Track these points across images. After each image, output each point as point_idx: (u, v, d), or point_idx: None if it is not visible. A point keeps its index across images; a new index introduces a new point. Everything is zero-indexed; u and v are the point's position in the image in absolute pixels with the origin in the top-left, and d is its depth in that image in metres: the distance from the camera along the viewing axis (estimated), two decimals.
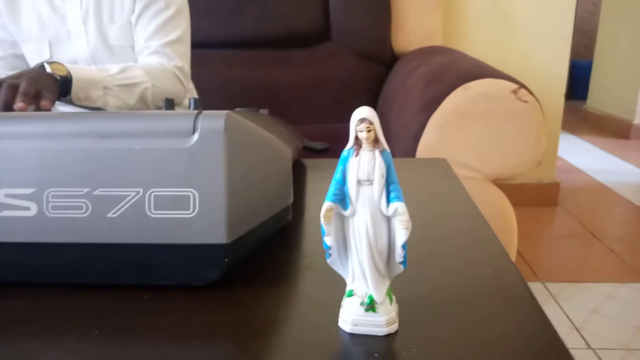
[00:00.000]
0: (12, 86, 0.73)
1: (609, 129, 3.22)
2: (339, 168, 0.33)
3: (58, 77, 0.83)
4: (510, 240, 1.17)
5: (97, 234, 0.39)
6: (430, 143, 1.09)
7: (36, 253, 0.40)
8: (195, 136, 0.38)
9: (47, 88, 0.77)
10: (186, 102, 1.14)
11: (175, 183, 0.38)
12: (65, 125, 0.40)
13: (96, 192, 0.38)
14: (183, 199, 0.38)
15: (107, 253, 0.39)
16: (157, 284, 0.40)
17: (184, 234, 0.38)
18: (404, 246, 0.33)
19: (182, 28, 1.08)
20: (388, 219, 0.33)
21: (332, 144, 1.25)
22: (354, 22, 1.60)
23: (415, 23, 1.63)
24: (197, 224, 0.38)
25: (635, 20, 3.03)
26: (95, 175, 0.38)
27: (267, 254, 0.46)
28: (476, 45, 1.83)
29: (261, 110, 0.65)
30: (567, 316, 1.31)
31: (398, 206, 0.32)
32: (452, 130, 1.09)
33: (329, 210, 0.33)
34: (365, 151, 0.32)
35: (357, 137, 0.32)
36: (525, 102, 1.10)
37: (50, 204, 0.39)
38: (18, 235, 0.39)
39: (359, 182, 0.32)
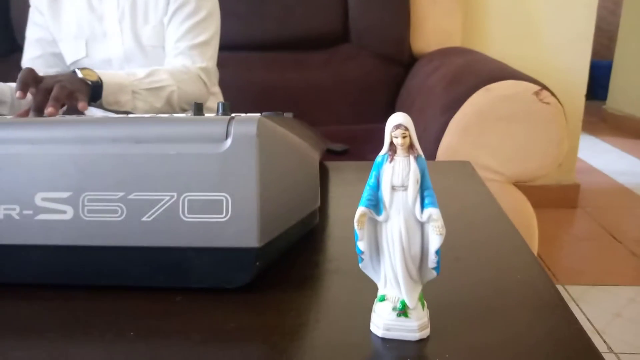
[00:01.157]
0: (45, 91, 0.75)
1: (629, 130, 3.17)
2: (373, 173, 0.33)
3: (89, 83, 0.85)
4: (531, 242, 1.16)
5: (132, 237, 0.39)
6: (451, 145, 1.09)
7: (72, 256, 0.41)
8: (229, 141, 0.38)
9: (80, 91, 0.79)
10: (211, 104, 1.16)
11: (208, 187, 0.38)
12: (100, 131, 0.41)
13: (131, 196, 0.39)
14: (216, 203, 0.38)
15: (141, 256, 0.40)
16: (190, 286, 0.41)
17: (216, 238, 0.39)
18: (437, 252, 0.33)
19: (211, 31, 1.11)
20: (421, 225, 0.33)
21: (351, 145, 1.26)
22: (373, 23, 1.60)
23: (434, 24, 1.63)
24: (230, 228, 0.38)
25: None
26: (130, 179, 0.39)
27: (296, 258, 0.46)
28: (495, 45, 1.81)
29: (285, 114, 0.65)
30: (589, 320, 1.29)
31: (432, 212, 0.32)
32: (474, 133, 1.08)
33: (362, 215, 0.33)
34: (400, 157, 0.32)
35: (391, 143, 0.32)
36: (548, 104, 1.09)
37: (85, 208, 0.40)
38: (54, 238, 0.40)
39: (393, 188, 0.32)
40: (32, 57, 1.13)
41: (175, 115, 0.47)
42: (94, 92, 0.87)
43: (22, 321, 0.38)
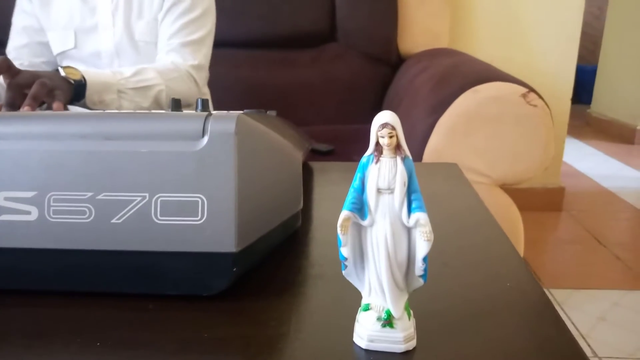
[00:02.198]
0: (18, 87, 0.72)
1: (613, 134, 3.20)
2: (358, 175, 0.31)
3: (72, 82, 0.82)
4: (517, 246, 1.15)
5: (101, 240, 0.37)
6: (437, 147, 1.07)
7: (36, 259, 0.38)
8: (205, 139, 0.36)
9: (60, 88, 0.76)
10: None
11: (183, 188, 0.36)
12: (68, 126, 0.38)
13: (100, 197, 0.37)
14: (191, 204, 0.36)
15: (111, 260, 0.37)
16: (163, 293, 0.38)
17: (191, 242, 0.36)
18: (424, 259, 0.31)
19: (206, 30, 1.09)
20: (408, 230, 0.31)
21: (337, 145, 1.24)
22: (360, 23, 1.59)
23: (422, 25, 1.62)
24: (205, 231, 0.36)
25: None
26: (99, 178, 0.37)
27: (276, 263, 0.44)
28: (482, 47, 1.81)
29: (269, 112, 0.63)
30: (573, 324, 1.29)
31: (420, 217, 0.30)
32: (460, 134, 1.07)
33: (346, 219, 0.31)
34: (386, 158, 0.30)
35: (377, 143, 0.30)
36: (535, 106, 1.08)
37: (51, 209, 0.37)
38: (17, 240, 0.38)
39: (378, 191, 0.30)
40: (17, 46, 1.10)
41: (151, 111, 0.44)
42: (77, 91, 0.84)
43: None
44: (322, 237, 0.50)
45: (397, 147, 0.30)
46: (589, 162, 2.67)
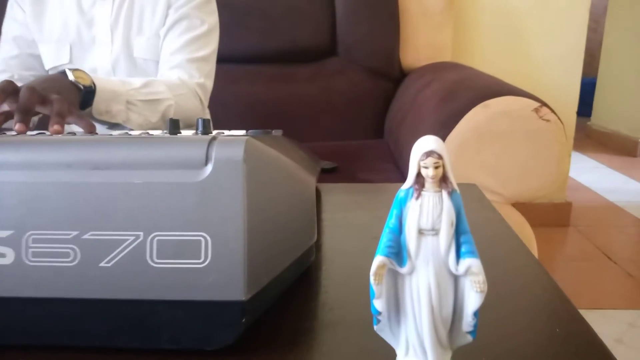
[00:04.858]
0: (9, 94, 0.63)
1: (614, 147, 3.17)
2: (394, 213, 0.26)
3: (81, 87, 0.75)
4: None
5: (88, 287, 0.32)
6: None
7: (12, 310, 0.33)
8: (209, 168, 0.31)
9: (62, 93, 0.67)
10: None
11: (183, 225, 0.31)
12: (50, 153, 0.33)
13: (86, 236, 0.31)
14: (192, 245, 0.31)
15: (100, 311, 0.32)
16: (160, 348, 0.33)
17: (193, 289, 0.31)
18: (475, 313, 0.26)
19: (210, 48, 1.03)
20: (455, 279, 0.26)
21: (339, 162, 1.19)
22: (361, 37, 1.55)
23: (425, 38, 1.58)
24: (209, 276, 0.31)
25: None
26: (85, 215, 0.32)
27: (288, 307, 0.39)
28: (485, 61, 1.77)
29: (274, 132, 0.58)
30: None
31: (472, 263, 0.25)
32: (471, 151, 1.02)
33: (381, 267, 0.26)
34: (430, 192, 0.25)
35: (419, 174, 0.25)
36: (548, 121, 1.03)
37: (30, 250, 0.32)
38: None
39: (420, 232, 0.25)
40: (7, 57, 1.02)
41: (143, 133, 0.39)
42: (85, 98, 0.76)
43: None
44: (339, 273, 0.45)
45: (443, 180, 0.25)
46: (592, 175, 2.63)
